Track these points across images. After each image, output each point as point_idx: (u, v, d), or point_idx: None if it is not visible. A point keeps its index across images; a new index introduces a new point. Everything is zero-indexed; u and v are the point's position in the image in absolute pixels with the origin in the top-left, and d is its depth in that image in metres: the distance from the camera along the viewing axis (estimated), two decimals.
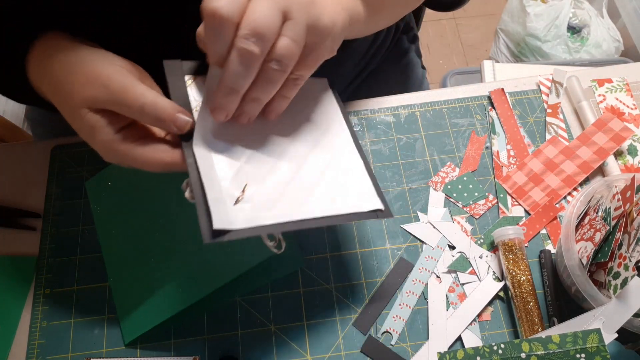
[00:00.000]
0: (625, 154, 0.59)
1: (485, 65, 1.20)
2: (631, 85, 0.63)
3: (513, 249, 0.51)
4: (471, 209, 0.56)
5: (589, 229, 0.48)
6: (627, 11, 1.49)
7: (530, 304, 0.49)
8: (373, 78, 0.77)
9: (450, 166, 0.58)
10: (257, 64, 0.35)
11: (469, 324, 0.50)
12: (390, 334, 0.50)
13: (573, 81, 0.62)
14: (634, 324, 0.43)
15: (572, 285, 0.47)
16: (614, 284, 0.45)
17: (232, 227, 0.35)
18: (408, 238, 0.55)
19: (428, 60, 1.70)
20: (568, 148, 0.58)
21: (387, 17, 0.54)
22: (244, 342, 0.50)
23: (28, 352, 0.49)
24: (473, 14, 1.79)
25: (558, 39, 1.44)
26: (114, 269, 0.52)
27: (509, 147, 0.59)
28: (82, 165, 0.59)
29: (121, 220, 0.53)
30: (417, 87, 0.80)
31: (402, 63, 0.79)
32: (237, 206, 0.37)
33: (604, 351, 0.38)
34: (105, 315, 0.51)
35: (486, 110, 0.62)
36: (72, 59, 0.39)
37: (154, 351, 0.50)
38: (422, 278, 0.52)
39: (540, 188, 0.56)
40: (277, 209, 0.38)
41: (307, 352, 0.49)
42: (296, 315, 0.51)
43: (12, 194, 0.58)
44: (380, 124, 0.61)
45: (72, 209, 0.56)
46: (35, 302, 0.52)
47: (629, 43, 1.48)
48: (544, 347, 0.39)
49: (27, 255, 0.54)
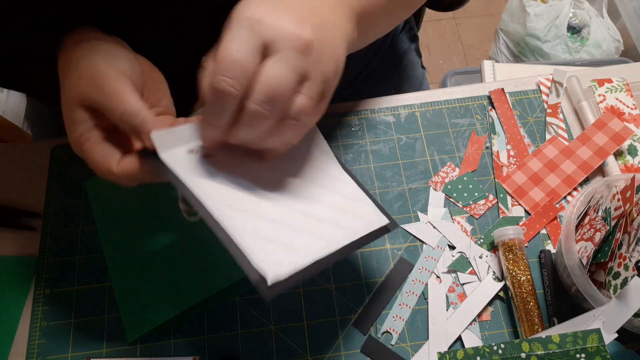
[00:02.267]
0: (625, 154, 0.59)
1: (485, 65, 1.20)
2: (631, 85, 0.63)
3: (513, 249, 0.51)
4: (471, 209, 0.56)
5: (589, 229, 0.48)
6: (627, 11, 1.49)
7: (530, 304, 0.49)
8: (373, 78, 0.77)
9: (450, 166, 0.59)
10: (268, 124, 0.35)
11: (469, 324, 0.50)
12: (390, 334, 0.50)
13: (573, 81, 0.62)
14: (634, 324, 0.43)
15: (572, 285, 0.47)
16: (614, 284, 0.45)
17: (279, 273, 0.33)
18: (408, 238, 0.55)
19: (428, 60, 1.70)
20: (568, 148, 0.58)
21: (375, 35, 0.53)
22: (244, 342, 0.50)
23: (28, 352, 0.49)
24: (473, 14, 1.79)
25: (558, 39, 1.44)
26: (115, 268, 0.52)
27: (509, 147, 0.59)
28: (82, 166, 0.58)
29: (122, 219, 0.53)
30: (417, 87, 0.80)
31: (402, 63, 0.79)
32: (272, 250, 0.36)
33: (604, 351, 0.38)
34: (105, 315, 0.51)
35: (486, 110, 0.62)
36: (83, 54, 0.40)
37: (154, 351, 0.50)
38: (422, 278, 0.52)
39: (540, 188, 0.56)
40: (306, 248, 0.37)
41: (307, 352, 0.49)
42: (296, 315, 0.51)
43: (12, 194, 0.58)
44: (380, 124, 0.61)
45: (72, 209, 0.56)
46: (35, 302, 0.52)
47: (629, 43, 1.48)
48: (544, 347, 0.39)
49: (27, 255, 0.54)
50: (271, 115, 0.34)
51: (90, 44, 0.40)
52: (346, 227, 0.41)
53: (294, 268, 0.34)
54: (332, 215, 0.41)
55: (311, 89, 0.35)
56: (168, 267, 0.49)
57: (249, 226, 0.36)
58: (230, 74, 0.33)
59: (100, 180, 0.56)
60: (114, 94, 0.37)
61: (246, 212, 0.37)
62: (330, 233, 0.39)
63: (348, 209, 0.43)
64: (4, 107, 1.29)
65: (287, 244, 0.36)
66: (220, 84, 0.33)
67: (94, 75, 0.38)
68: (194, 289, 0.48)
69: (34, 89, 0.52)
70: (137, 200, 0.53)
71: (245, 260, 0.33)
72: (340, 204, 0.43)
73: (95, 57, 0.39)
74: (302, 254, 0.36)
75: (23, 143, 0.62)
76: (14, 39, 0.44)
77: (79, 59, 0.39)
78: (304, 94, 0.35)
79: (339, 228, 0.40)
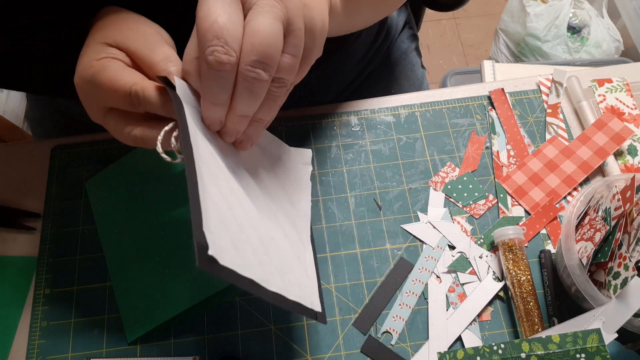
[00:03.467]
0: (625, 154, 0.59)
1: (485, 65, 1.20)
2: (631, 85, 0.63)
3: (513, 249, 0.51)
4: (471, 209, 0.56)
5: (589, 229, 0.48)
6: (627, 11, 1.49)
7: (530, 304, 0.49)
8: (373, 78, 0.77)
9: (450, 166, 0.59)
10: (265, 89, 0.33)
11: (469, 324, 0.50)
12: (390, 334, 0.50)
13: (573, 81, 0.62)
14: (634, 324, 0.43)
15: (572, 285, 0.47)
16: (614, 284, 0.45)
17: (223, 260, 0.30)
18: (408, 238, 0.55)
19: (428, 60, 1.70)
20: (568, 148, 0.58)
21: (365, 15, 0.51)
22: (244, 342, 0.50)
23: (28, 352, 0.49)
24: (473, 14, 1.79)
25: (558, 39, 1.44)
26: (116, 267, 0.52)
27: (509, 147, 0.59)
28: (82, 165, 0.59)
29: (122, 219, 0.53)
30: (417, 87, 0.80)
31: (402, 63, 0.79)
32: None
33: (604, 351, 0.38)
34: (105, 315, 0.51)
35: (486, 110, 0.62)
36: (128, 15, 0.39)
37: (154, 351, 0.50)
38: (422, 278, 0.52)
39: (540, 188, 0.56)
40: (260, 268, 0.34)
41: (307, 352, 0.49)
42: (296, 315, 0.51)
43: (12, 194, 0.58)
44: (380, 124, 0.61)
45: (72, 209, 0.56)
46: (35, 302, 0.52)
47: (629, 43, 1.48)
48: (544, 347, 0.39)
49: (27, 256, 0.54)
50: (268, 75, 0.31)
51: (131, 14, 0.40)
52: (285, 283, 0.37)
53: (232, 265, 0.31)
54: (280, 261, 0.38)
55: (294, 45, 0.32)
56: (168, 267, 0.49)
57: (217, 201, 0.32)
58: (221, 42, 0.30)
59: (101, 180, 0.56)
60: (155, 44, 0.36)
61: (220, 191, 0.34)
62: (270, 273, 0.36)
63: (300, 270, 0.41)
64: (4, 107, 1.29)
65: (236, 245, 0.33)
66: (215, 55, 0.30)
67: (138, 29, 0.37)
68: (194, 289, 0.48)
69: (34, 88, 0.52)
70: (137, 201, 0.53)
71: (199, 219, 0.29)
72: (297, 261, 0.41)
73: (139, 19, 0.39)
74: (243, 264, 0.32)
75: (23, 143, 0.62)
76: (14, 39, 0.44)
77: (121, 18, 0.38)
78: (288, 53, 0.32)
79: (280, 277, 0.37)
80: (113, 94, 0.36)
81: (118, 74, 0.36)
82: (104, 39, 0.37)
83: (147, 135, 0.37)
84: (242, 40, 0.31)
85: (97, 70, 0.36)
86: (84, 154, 0.59)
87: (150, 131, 0.37)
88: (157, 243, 0.51)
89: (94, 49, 0.37)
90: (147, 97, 0.35)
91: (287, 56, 0.32)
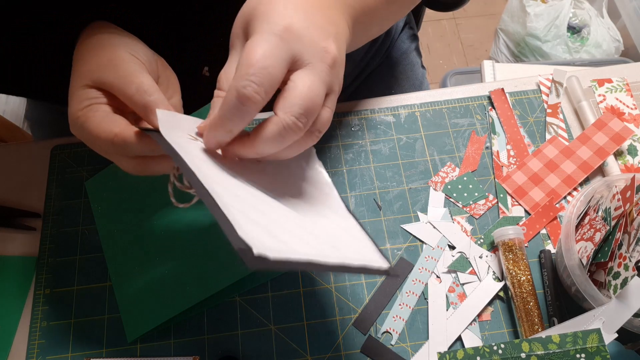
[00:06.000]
0: (625, 154, 0.59)
1: (485, 65, 1.20)
2: (631, 85, 0.63)
3: (513, 249, 0.51)
4: (471, 209, 0.56)
5: (589, 229, 0.48)
6: (627, 11, 1.49)
7: (530, 304, 0.49)
8: (373, 78, 0.77)
9: (450, 166, 0.59)
10: (298, 137, 0.35)
11: (469, 324, 0.50)
12: (390, 334, 0.50)
13: (573, 81, 0.62)
14: (634, 324, 0.43)
15: (572, 285, 0.47)
16: (614, 284, 0.45)
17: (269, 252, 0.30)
18: (408, 238, 0.55)
19: (428, 60, 1.70)
20: (568, 148, 0.58)
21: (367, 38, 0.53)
22: (244, 342, 0.50)
23: (28, 352, 0.49)
24: (473, 14, 1.79)
25: (558, 39, 1.44)
26: (115, 268, 0.52)
27: (509, 147, 0.59)
28: (82, 165, 0.59)
29: (122, 219, 0.53)
30: (417, 87, 0.80)
31: (402, 63, 0.79)
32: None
33: (604, 351, 0.38)
34: (105, 315, 0.51)
35: (486, 110, 0.62)
36: (103, 42, 0.40)
37: (154, 351, 0.50)
38: (422, 278, 0.52)
39: (540, 188, 0.56)
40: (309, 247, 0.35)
41: (307, 352, 0.49)
42: (296, 315, 0.51)
43: (12, 194, 0.58)
44: (380, 124, 0.61)
45: (72, 209, 0.56)
46: (35, 302, 0.52)
47: (629, 43, 1.48)
48: (544, 347, 0.39)
49: (27, 255, 0.54)
50: (305, 128, 0.34)
51: (110, 34, 0.40)
52: (343, 252, 0.38)
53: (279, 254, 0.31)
54: (328, 237, 0.39)
55: (333, 101, 0.36)
56: (168, 267, 0.49)
57: (238, 205, 0.33)
58: (257, 80, 0.31)
59: (101, 180, 0.56)
60: (130, 74, 0.37)
61: (237, 197, 0.34)
62: (323, 249, 0.36)
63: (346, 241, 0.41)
64: (4, 107, 1.29)
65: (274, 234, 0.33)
66: (247, 89, 0.31)
67: (112, 59, 0.38)
68: (193, 289, 0.48)
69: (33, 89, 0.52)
70: (137, 201, 0.53)
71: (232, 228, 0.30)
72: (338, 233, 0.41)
73: (116, 43, 0.39)
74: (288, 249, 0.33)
75: (23, 143, 0.62)
76: (14, 39, 0.44)
77: (98, 46, 0.39)
78: (329, 107, 0.36)
79: (335, 250, 0.37)
80: (102, 143, 0.38)
81: (101, 126, 0.37)
82: (84, 79, 0.38)
83: (148, 170, 0.40)
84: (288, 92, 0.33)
85: (83, 121, 0.38)
86: (84, 154, 0.59)
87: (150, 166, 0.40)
88: (157, 243, 0.51)
89: (77, 95, 0.38)
90: (131, 145, 0.37)
91: (327, 110, 0.36)
